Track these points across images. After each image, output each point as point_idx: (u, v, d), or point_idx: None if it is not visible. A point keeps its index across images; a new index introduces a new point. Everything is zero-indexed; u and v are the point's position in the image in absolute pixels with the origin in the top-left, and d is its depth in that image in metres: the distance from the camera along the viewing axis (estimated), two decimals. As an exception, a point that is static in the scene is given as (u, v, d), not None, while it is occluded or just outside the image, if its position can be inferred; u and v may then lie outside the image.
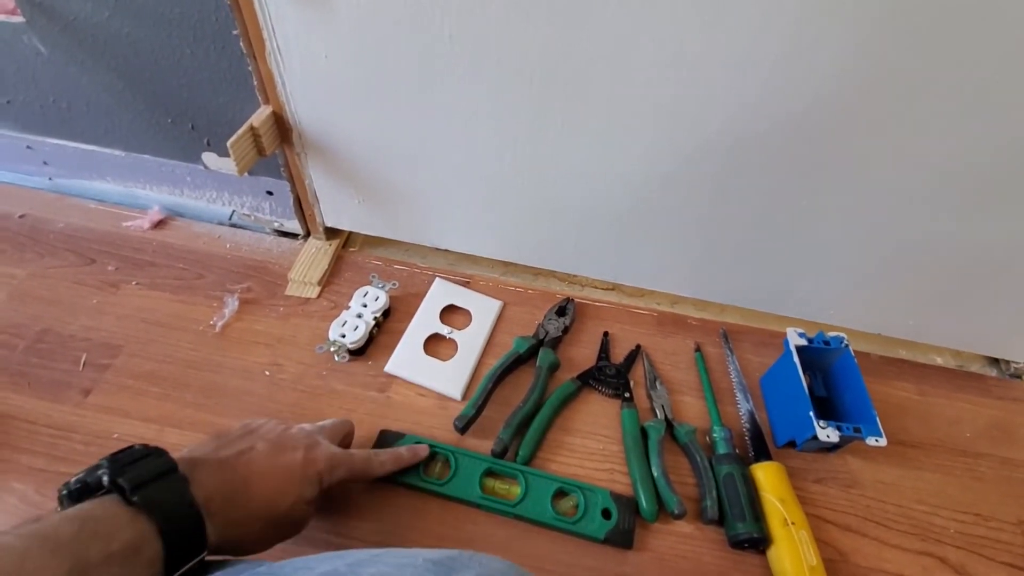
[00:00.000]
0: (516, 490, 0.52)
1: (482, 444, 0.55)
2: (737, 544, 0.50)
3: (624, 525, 0.51)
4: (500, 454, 0.54)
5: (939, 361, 0.70)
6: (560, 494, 0.52)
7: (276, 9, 0.46)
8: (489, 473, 0.52)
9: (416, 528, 0.50)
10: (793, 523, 0.50)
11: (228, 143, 0.50)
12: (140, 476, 0.32)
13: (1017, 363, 0.67)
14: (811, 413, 0.52)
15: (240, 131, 0.51)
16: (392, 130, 0.54)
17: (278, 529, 0.40)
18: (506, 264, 0.72)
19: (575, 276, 0.72)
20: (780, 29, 0.41)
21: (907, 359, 0.69)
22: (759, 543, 0.50)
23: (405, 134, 0.55)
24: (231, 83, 0.53)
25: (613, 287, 0.72)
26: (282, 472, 0.40)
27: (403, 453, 0.51)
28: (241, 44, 0.49)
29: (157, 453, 0.35)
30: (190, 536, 0.33)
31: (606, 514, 0.51)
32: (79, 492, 0.33)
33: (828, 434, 0.52)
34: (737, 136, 0.49)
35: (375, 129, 0.55)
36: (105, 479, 0.32)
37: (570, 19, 0.43)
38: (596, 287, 0.72)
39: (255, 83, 0.52)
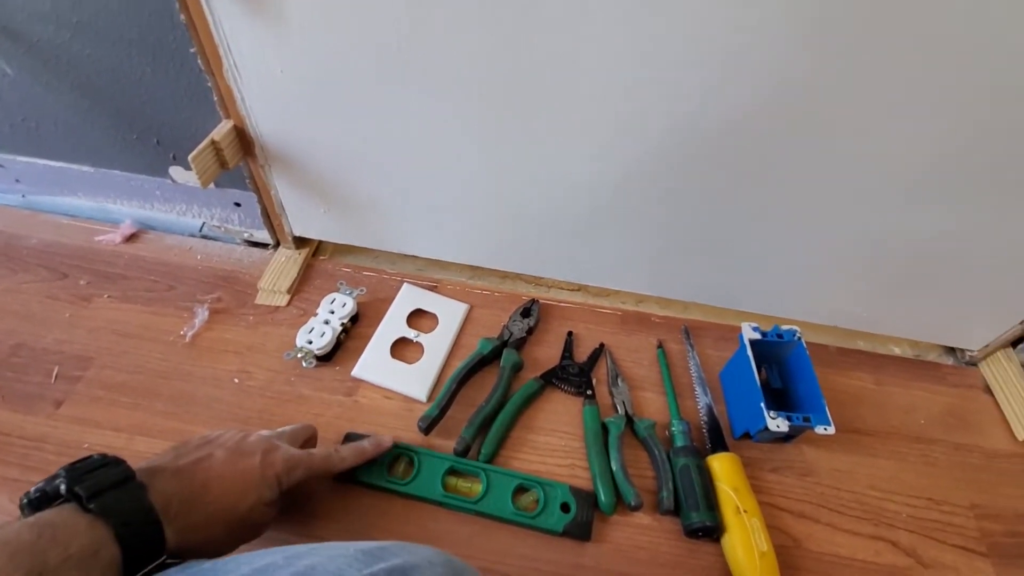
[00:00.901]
0: (478, 488, 0.53)
1: (446, 444, 0.56)
2: (692, 533, 0.52)
3: (582, 518, 0.52)
4: (463, 453, 0.55)
5: (896, 351, 0.72)
6: (521, 490, 0.54)
7: (230, 27, 0.48)
8: (452, 472, 0.54)
9: (379, 527, 0.51)
10: (745, 511, 0.51)
11: (189, 157, 0.52)
12: (97, 484, 0.33)
13: (971, 351, 0.69)
14: (762, 404, 0.54)
15: (201, 145, 0.53)
16: (352, 140, 0.56)
17: (238, 532, 0.42)
18: (474, 268, 0.74)
19: (541, 278, 0.73)
20: (716, 38, 0.43)
21: (865, 350, 0.71)
22: (713, 531, 0.51)
23: (365, 144, 0.56)
24: (192, 99, 0.55)
25: (579, 288, 0.74)
26: (240, 476, 0.41)
27: (366, 446, 0.52)
28: (199, 61, 0.51)
29: (115, 463, 0.36)
30: (148, 540, 0.34)
31: (565, 508, 0.52)
32: (39, 501, 0.34)
33: (778, 424, 0.53)
34: (681, 140, 0.51)
35: (335, 140, 0.56)
36: (63, 488, 0.33)
37: (512, 32, 0.45)
38: (562, 288, 0.74)
39: (215, 98, 0.54)
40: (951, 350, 0.72)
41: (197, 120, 0.56)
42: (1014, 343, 0.67)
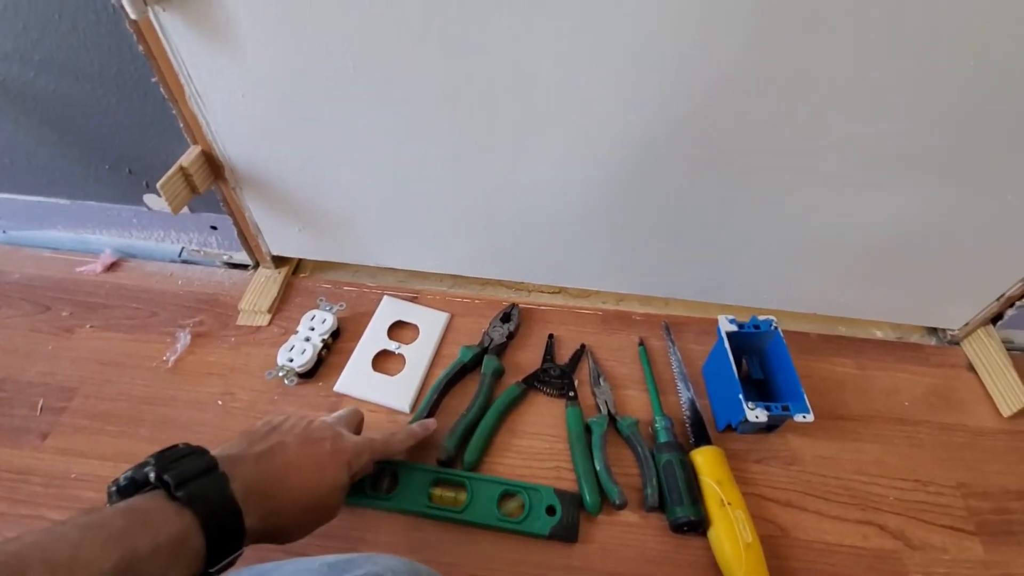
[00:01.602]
0: (463, 496, 0.53)
1: (430, 454, 0.57)
2: (677, 528, 0.52)
3: (568, 520, 0.52)
4: (446, 462, 0.55)
5: (878, 335, 0.72)
6: (506, 496, 0.54)
7: (188, 55, 0.48)
8: (436, 483, 0.54)
9: (365, 541, 0.52)
10: (729, 503, 0.51)
11: (158, 185, 0.52)
12: (184, 473, 0.33)
13: (952, 330, 0.70)
14: (740, 396, 0.54)
15: (169, 172, 0.53)
16: (319, 158, 0.57)
17: (314, 516, 0.42)
18: (454, 277, 0.74)
19: (520, 283, 0.74)
20: (668, 35, 0.43)
21: (847, 335, 0.71)
22: (698, 525, 0.51)
23: (332, 161, 0.57)
24: (159, 127, 0.55)
25: (559, 290, 0.74)
26: (314, 461, 0.42)
27: (416, 429, 0.53)
28: (161, 90, 0.51)
29: (199, 452, 0.36)
30: (230, 530, 0.34)
31: (551, 511, 0.53)
32: (128, 488, 0.34)
33: (757, 415, 0.53)
34: (642, 140, 0.51)
35: (303, 159, 0.57)
36: (152, 475, 0.33)
37: (465, 44, 0.45)
38: (542, 292, 0.74)
39: (181, 125, 0.54)
40: (933, 330, 0.72)
41: (166, 147, 0.57)
42: (993, 320, 0.67)
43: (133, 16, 0.44)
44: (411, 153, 0.55)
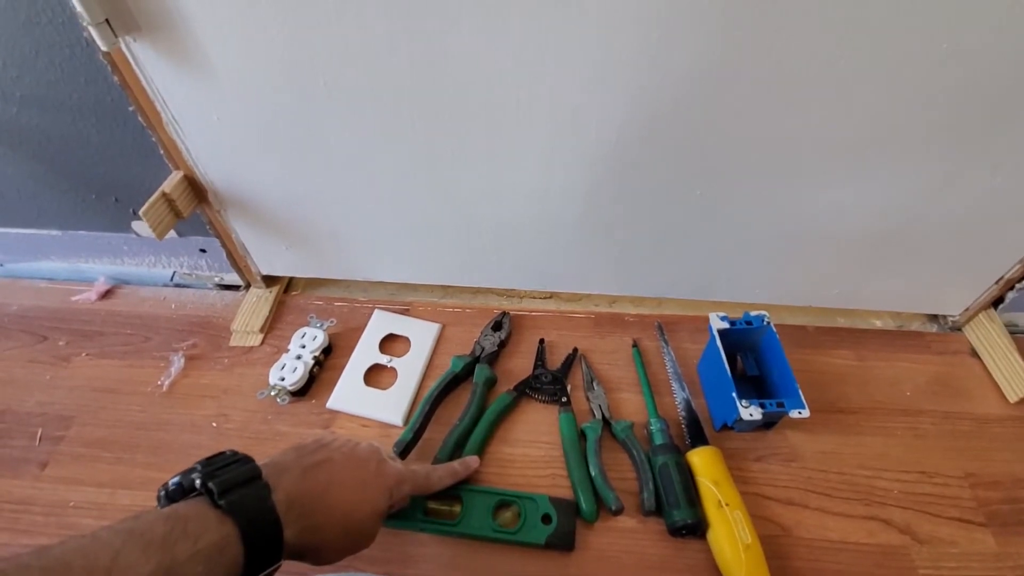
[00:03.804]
0: (457, 508, 0.53)
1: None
2: (675, 532, 0.51)
3: (564, 528, 0.52)
4: (440, 474, 0.55)
5: (878, 324, 0.70)
6: (501, 506, 0.53)
7: (162, 83, 0.49)
8: (430, 496, 0.54)
9: (361, 557, 0.51)
10: (727, 504, 0.50)
11: (140, 211, 0.53)
12: (228, 481, 0.33)
13: (954, 316, 0.68)
14: (733, 394, 0.53)
15: (152, 199, 0.54)
16: (299, 177, 0.57)
17: (350, 540, 0.41)
18: (444, 287, 0.74)
19: (511, 290, 0.73)
20: (631, 35, 0.43)
21: (845, 326, 0.70)
22: (696, 528, 0.50)
23: (311, 179, 0.57)
24: (140, 154, 0.56)
25: (550, 295, 0.74)
26: (358, 483, 0.41)
27: (457, 467, 0.52)
28: (139, 118, 0.52)
29: (245, 460, 0.36)
30: (269, 541, 0.34)
31: (546, 519, 0.52)
32: (175, 493, 0.35)
33: (751, 412, 0.52)
34: (615, 141, 0.51)
35: (283, 178, 0.57)
36: (197, 482, 0.34)
37: (429, 58, 0.45)
38: (534, 297, 0.74)
39: (161, 152, 0.55)
40: (934, 318, 0.71)
41: (149, 174, 0.57)
42: (995, 303, 0.66)
43: (104, 48, 0.45)
44: (387, 166, 0.55)
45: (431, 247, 0.65)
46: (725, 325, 0.58)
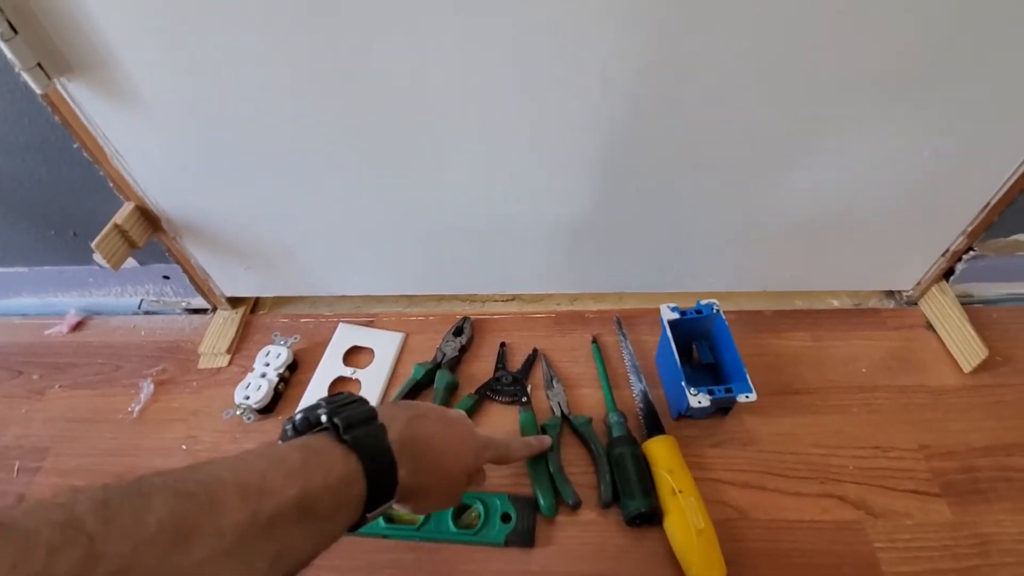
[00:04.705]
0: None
1: (388, 474, 0.58)
2: (631, 522, 0.52)
3: (523, 526, 0.53)
4: (402, 480, 0.56)
5: (835, 304, 0.71)
6: (461, 508, 0.54)
7: (101, 119, 0.50)
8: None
9: (323, 567, 0.52)
10: (680, 491, 0.51)
11: (92, 244, 0.54)
12: (351, 417, 0.34)
13: (907, 291, 0.69)
14: (683, 383, 0.54)
15: (104, 231, 0.55)
16: (246, 200, 0.58)
17: (446, 490, 0.43)
18: (410, 297, 0.75)
19: (473, 295, 0.75)
20: (556, 33, 0.44)
21: (803, 308, 0.70)
22: (651, 517, 0.51)
23: (259, 200, 0.58)
24: (91, 189, 0.57)
25: (512, 298, 0.75)
26: (453, 439, 0.43)
27: (532, 442, 0.54)
28: (85, 155, 0.53)
29: (362, 400, 0.37)
30: (387, 478, 0.34)
31: (506, 518, 0.53)
32: (302, 425, 0.36)
33: (700, 400, 0.53)
34: (553, 144, 0.52)
35: (232, 202, 0.59)
36: (323, 417, 0.34)
37: (355, 72, 0.46)
38: (496, 301, 0.75)
39: (111, 184, 0.56)
40: (890, 294, 0.71)
41: (102, 207, 0.58)
42: (946, 275, 0.66)
43: (39, 91, 0.46)
44: (333, 183, 0.56)
45: (389, 258, 0.67)
46: (676, 315, 0.59)
